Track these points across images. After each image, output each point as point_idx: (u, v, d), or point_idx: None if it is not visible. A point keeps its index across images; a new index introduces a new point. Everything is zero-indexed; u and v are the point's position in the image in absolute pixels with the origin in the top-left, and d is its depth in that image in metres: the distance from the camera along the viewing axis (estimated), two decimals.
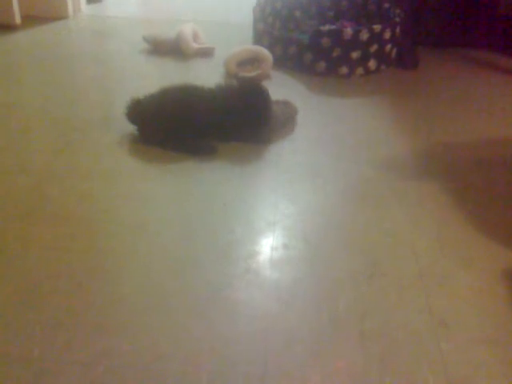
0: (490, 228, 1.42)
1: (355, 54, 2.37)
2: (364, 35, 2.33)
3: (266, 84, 2.17)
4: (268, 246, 1.32)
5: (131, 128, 1.78)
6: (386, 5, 2.67)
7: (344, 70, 2.39)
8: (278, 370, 0.99)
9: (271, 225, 1.40)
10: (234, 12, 3.25)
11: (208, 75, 2.34)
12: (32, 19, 2.96)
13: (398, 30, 2.48)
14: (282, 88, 2.23)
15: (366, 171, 1.67)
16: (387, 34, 2.40)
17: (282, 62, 2.47)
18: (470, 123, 2.02)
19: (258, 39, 2.62)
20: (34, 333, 1.04)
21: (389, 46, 2.45)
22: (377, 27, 2.36)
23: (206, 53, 2.62)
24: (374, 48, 2.39)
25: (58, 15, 3.08)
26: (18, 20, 2.88)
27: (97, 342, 1.03)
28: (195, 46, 2.61)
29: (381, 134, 1.91)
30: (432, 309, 1.14)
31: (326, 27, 2.49)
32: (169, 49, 2.61)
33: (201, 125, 1.74)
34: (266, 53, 2.39)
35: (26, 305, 1.11)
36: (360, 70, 2.42)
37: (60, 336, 1.04)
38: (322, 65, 2.39)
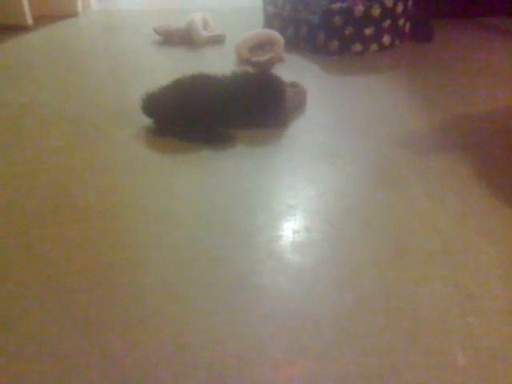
0: None
1: (368, 31, 2.34)
2: (376, 11, 2.31)
3: (279, 67, 2.17)
4: (290, 230, 1.32)
5: (147, 121, 1.79)
6: None
7: (358, 47, 2.37)
8: (305, 351, 1.00)
9: (292, 208, 1.40)
10: None
11: (220, 62, 2.34)
12: (43, 19, 2.99)
13: (410, 3, 2.44)
14: (295, 70, 2.23)
15: (385, 149, 1.66)
16: (399, 8, 2.37)
17: (294, 44, 2.46)
18: (488, 93, 1.99)
19: (268, 23, 2.61)
20: (63, 329, 1.06)
21: (402, 20, 2.42)
22: (388, 2, 2.33)
23: (216, 40, 2.62)
24: (387, 23, 2.36)
25: (69, 13, 3.11)
26: (29, 20, 2.91)
27: (124, 335, 1.04)
28: (206, 34, 2.61)
29: (398, 110, 1.90)
30: (457, 283, 1.13)
31: (337, 5, 2.46)
32: (180, 39, 2.62)
33: (216, 113, 1.74)
34: (277, 36, 2.37)
35: (54, 301, 1.13)
36: (374, 47, 2.39)
37: (89, 331, 1.06)
38: (334, 44, 2.38)
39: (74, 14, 3.09)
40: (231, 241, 1.30)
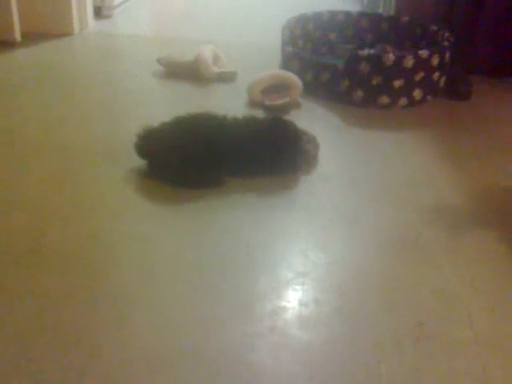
0: None
1: (398, 83, 2.38)
2: (408, 61, 2.36)
3: (294, 113, 2.20)
4: (296, 301, 1.31)
5: (140, 161, 1.80)
6: (434, 27, 2.70)
7: (385, 99, 2.41)
8: None
9: (300, 276, 1.40)
10: (260, 32, 3.31)
11: (229, 102, 2.37)
12: (33, 36, 3.04)
13: (447, 55, 2.50)
14: (312, 119, 2.25)
15: (410, 217, 1.66)
16: (435, 61, 2.42)
17: (312, 90, 2.49)
18: None
19: (286, 63, 2.66)
20: None
21: (437, 74, 2.47)
22: (423, 53, 2.38)
23: (227, 77, 2.65)
24: (419, 76, 2.41)
25: (63, 32, 3.16)
26: (17, 36, 2.96)
27: None
28: (215, 69, 2.65)
29: (427, 173, 1.91)
30: (489, 380, 1.12)
31: (365, 51, 2.52)
32: (186, 72, 2.66)
33: (219, 159, 1.75)
34: (294, 79, 2.41)
35: (21, 357, 1.11)
36: (403, 101, 2.43)
37: None
38: (359, 94, 2.41)
39: (68, 34, 3.14)
40: (227, 308, 1.28)
